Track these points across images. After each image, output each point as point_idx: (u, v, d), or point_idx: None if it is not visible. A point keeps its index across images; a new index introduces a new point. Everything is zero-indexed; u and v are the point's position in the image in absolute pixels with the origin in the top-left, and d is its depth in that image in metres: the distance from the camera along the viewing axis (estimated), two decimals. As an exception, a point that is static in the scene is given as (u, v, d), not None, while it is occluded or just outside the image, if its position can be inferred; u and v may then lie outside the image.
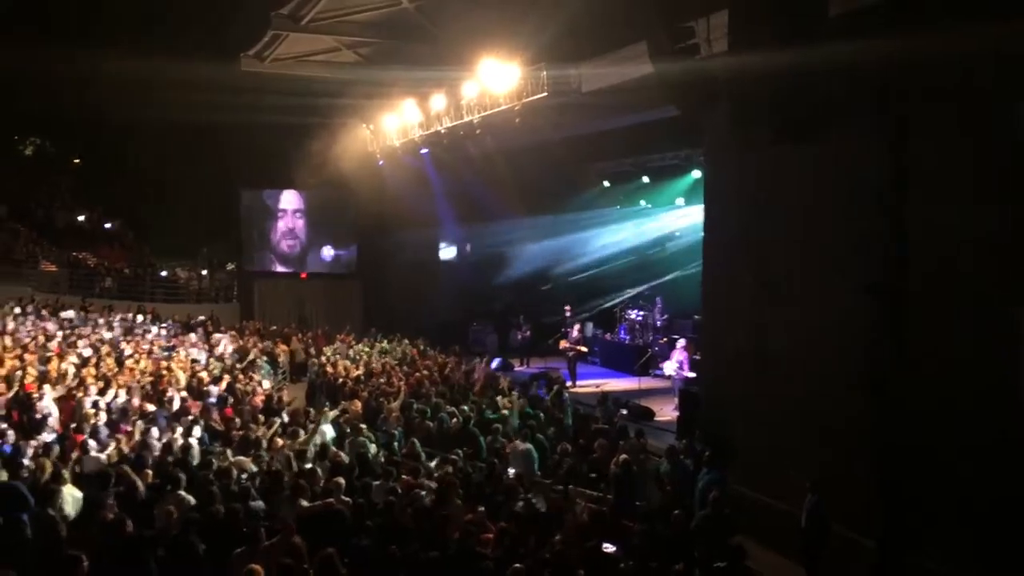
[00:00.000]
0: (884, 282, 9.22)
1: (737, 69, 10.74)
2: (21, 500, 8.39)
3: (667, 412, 16.11)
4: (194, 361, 18.07)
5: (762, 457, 11.08)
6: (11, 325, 19.64)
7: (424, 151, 22.57)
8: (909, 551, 9.02)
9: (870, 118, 9.55)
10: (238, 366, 18.16)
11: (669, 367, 17.39)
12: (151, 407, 13.60)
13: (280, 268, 29.45)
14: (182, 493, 8.73)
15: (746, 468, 11.18)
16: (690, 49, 12.35)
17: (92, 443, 10.97)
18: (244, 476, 9.79)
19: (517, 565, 7.09)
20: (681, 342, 17.63)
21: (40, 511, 8.09)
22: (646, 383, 19.24)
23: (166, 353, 18.72)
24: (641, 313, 21.99)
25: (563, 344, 20.51)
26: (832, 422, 9.93)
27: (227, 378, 16.17)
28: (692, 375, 16.39)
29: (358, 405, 14.25)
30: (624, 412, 15.14)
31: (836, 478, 9.36)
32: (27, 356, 16.35)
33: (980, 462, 8.38)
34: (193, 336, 21.49)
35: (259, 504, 8.76)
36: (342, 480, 9.17)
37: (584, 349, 21.21)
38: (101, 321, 21.93)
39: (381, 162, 24.93)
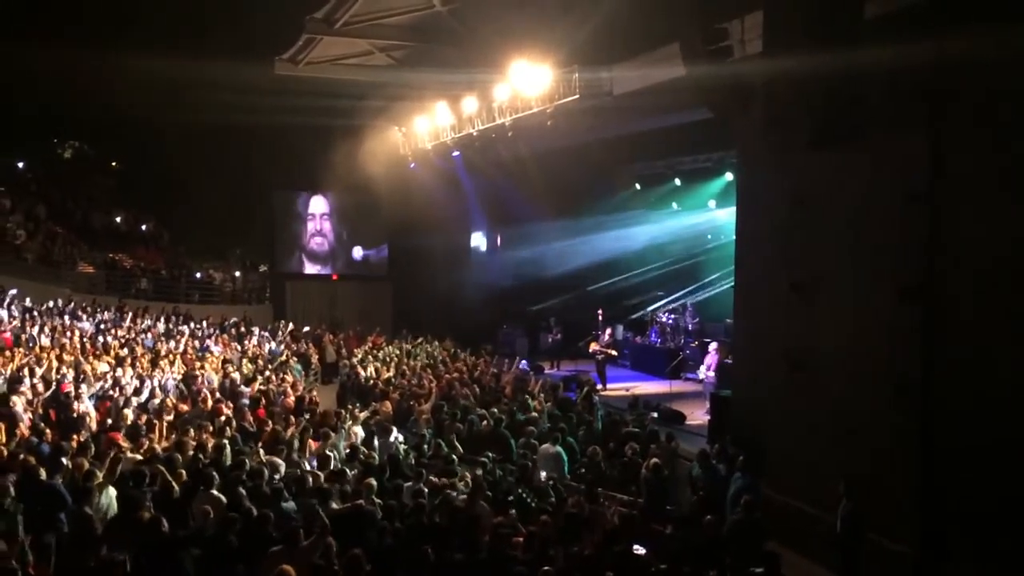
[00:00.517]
0: (922, 285, 9.09)
1: (771, 71, 10.63)
2: (59, 499, 8.53)
3: (698, 416, 15.99)
4: (226, 362, 18.26)
5: (795, 462, 10.95)
6: (48, 325, 19.97)
7: (456, 154, 22.63)
8: (946, 559, 8.87)
9: (908, 121, 9.41)
10: (270, 367, 18.32)
11: (702, 371, 17.30)
12: (185, 407, 13.77)
13: (311, 270, 29.72)
14: (215, 492, 8.82)
15: (779, 473, 11.07)
16: (723, 51, 12.26)
17: (127, 443, 11.11)
18: (277, 477, 9.87)
19: (547, 568, 7.09)
20: (714, 345, 17.52)
21: (77, 509, 8.20)
22: (677, 386, 19.12)
23: (200, 354, 18.94)
24: (672, 316, 21.88)
25: (593, 347, 20.44)
26: (867, 427, 9.79)
27: (259, 379, 16.31)
28: (713, 379, 16.37)
29: (388, 406, 14.30)
30: (655, 415, 15.05)
31: (872, 484, 9.23)
32: (64, 356, 16.62)
33: (1020, 469, 8.22)
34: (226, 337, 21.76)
35: (291, 505, 8.83)
36: (373, 481, 9.20)
37: (614, 352, 21.10)
38: (138, 323, 22.29)
39: (413, 164, 25.04)
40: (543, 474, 10.83)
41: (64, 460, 9.55)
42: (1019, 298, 8.33)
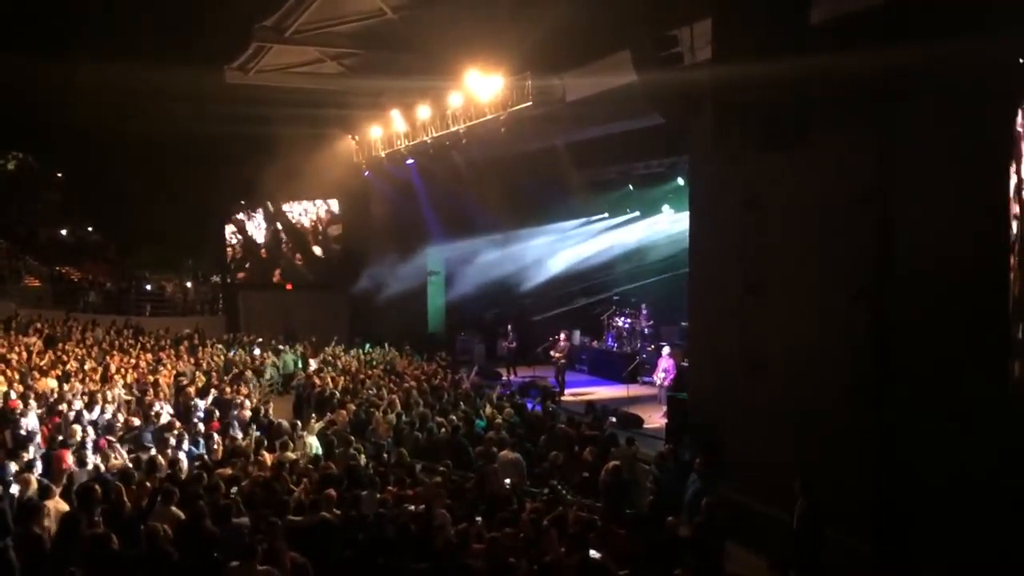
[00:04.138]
0: (871, 286, 9.28)
1: (721, 77, 10.73)
2: (4, 524, 8.26)
3: (656, 419, 16.12)
4: (179, 375, 17.95)
5: (753, 462, 11.08)
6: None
7: (410, 161, 22.55)
8: (904, 555, 9.04)
9: (856, 123, 9.62)
10: (225, 378, 18.05)
11: (657, 375, 17.45)
12: (137, 421, 13.50)
13: (265, 279, 29.39)
14: (173, 509, 8.66)
15: (737, 473, 11.19)
16: (674, 57, 12.37)
17: (77, 459, 10.85)
18: (233, 490, 9.72)
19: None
20: (666, 349, 17.69)
21: (23, 529, 7.97)
22: (634, 390, 19.26)
23: (153, 367, 18.60)
24: (628, 320, 22.03)
25: (554, 354, 20.48)
26: (824, 425, 9.94)
27: (214, 392, 16.07)
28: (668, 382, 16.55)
29: (344, 415, 14.19)
30: (613, 420, 15.13)
31: (829, 481, 9.37)
32: (9, 372, 16.20)
33: (973, 469, 8.41)
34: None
35: (244, 520, 8.70)
36: (333, 492, 9.11)
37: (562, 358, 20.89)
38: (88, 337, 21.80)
39: (367, 173, 24.89)
40: (507, 481, 10.81)
41: (11, 479, 9.30)
42: (966, 297, 8.54)
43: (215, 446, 12.10)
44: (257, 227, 29.75)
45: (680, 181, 18.73)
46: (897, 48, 8.69)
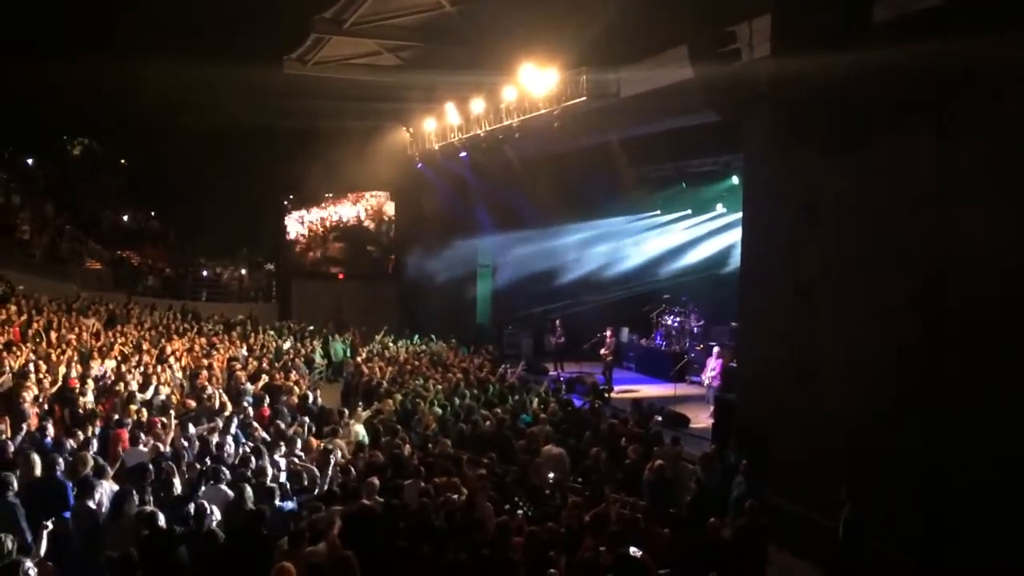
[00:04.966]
0: (924, 295, 9.07)
1: (779, 75, 10.60)
2: (61, 495, 8.53)
3: (702, 419, 15.98)
4: (232, 359, 18.28)
5: (798, 467, 10.92)
6: (55, 321, 20.02)
7: (463, 155, 22.64)
8: (946, 569, 8.83)
9: (916, 125, 9.39)
10: (276, 365, 18.33)
11: (705, 375, 17.30)
12: (192, 403, 13.79)
13: (318, 268, 29.80)
14: (222, 487, 8.85)
15: (782, 477, 11.04)
16: (731, 54, 12.23)
17: (131, 438, 11.13)
18: (283, 475, 9.90)
19: (552, 571, 7.08)
20: (716, 349, 17.51)
21: (79, 504, 8.22)
22: (682, 390, 19.11)
23: (207, 351, 18.97)
24: (678, 320, 21.85)
25: (604, 351, 20.39)
26: (871, 434, 9.76)
27: (264, 377, 16.33)
28: (717, 383, 16.37)
29: (390, 405, 14.33)
30: (659, 419, 15.04)
31: (874, 491, 9.20)
32: (69, 352, 16.65)
33: (1022, 483, 8.19)
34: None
35: (291, 504, 8.85)
36: (376, 480, 9.21)
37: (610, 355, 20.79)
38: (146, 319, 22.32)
39: (420, 165, 25.06)
40: (551, 475, 10.82)
41: (68, 456, 9.57)
42: (1022, 306, 8.29)
43: (256, 433, 12.26)
44: (308, 217, 30.14)
45: (735, 180, 18.52)
46: (960, 48, 8.46)
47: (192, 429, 11.60)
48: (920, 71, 8.98)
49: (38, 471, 8.95)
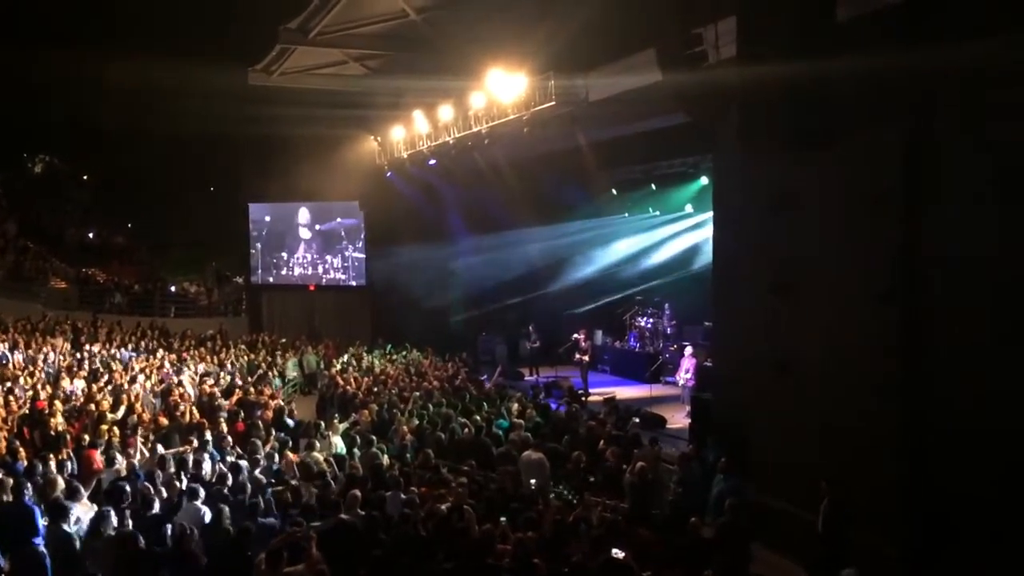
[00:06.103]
0: (898, 286, 9.17)
1: (746, 76, 10.66)
2: (32, 525, 8.32)
3: (679, 419, 16.04)
4: (204, 375, 18.07)
5: (778, 462, 10.99)
6: (22, 342, 19.69)
7: (432, 162, 22.55)
8: (930, 557, 8.92)
9: (883, 122, 9.50)
10: (249, 379, 18.15)
11: (680, 375, 17.37)
12: (164, 421, 13.61)
13: (287, 281, 29.49)
14: (198, 504, 8.72)
15: (762, 474, 11.10)
16: (698, 56, 12.29)
17: (105, 459, 10.95)
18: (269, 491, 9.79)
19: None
20: (688, 349, 17.59)
21: (54, 527, 8.05)
22: (657, 390, 19.17)
23: (178, 367, 18.73)
24: (651, 320, 21.93)
25: (579, 356, 20.40)
26: (850, 427, 9.84)
27: (238, 392, 16.16)
28: (691, 382, 16.46)
29: (367, 416, 14.23)
30: (636, 420, 15.07)
31: (855, 483, 9.28)
32: (37, 373, 16.37)
33: (1002, 472, 8.29)
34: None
35: (273, 520, 8.74)
36: (358, 492, 9.13)
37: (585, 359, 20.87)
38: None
39: (389, 174, 24.94)
40: (532, 482, 10.79)
41: (38, 479, 9.39)
42: (996, 297, 8.41)
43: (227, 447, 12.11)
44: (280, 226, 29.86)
45: (704, 180, 18.62)
46: (923, 45, 8.58)
47: (161, 449, 11.44)
48: (885, 69, 9.09)
49: (7, 496, 8.77)
